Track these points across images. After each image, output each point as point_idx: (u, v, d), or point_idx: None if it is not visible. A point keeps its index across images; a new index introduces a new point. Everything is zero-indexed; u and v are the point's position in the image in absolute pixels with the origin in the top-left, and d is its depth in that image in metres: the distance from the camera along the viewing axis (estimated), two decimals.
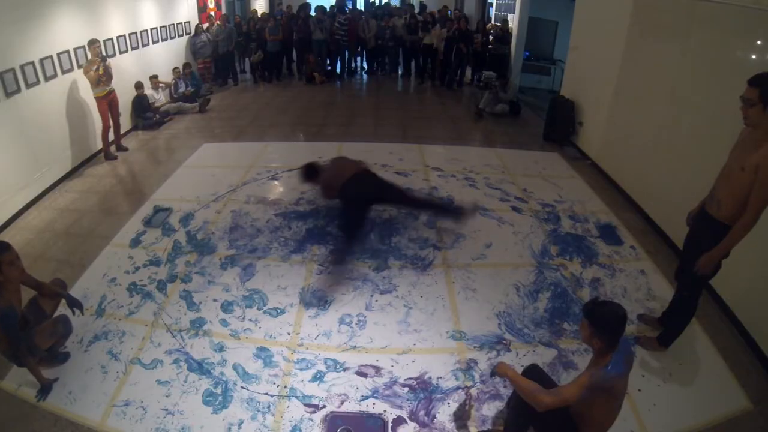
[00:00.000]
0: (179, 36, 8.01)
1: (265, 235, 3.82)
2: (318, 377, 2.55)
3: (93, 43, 4.98)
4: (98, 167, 5.32)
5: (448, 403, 2.41)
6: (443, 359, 2.67)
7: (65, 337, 2.63)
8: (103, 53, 5.29)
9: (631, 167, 4.53)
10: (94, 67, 5.00)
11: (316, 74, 8.96)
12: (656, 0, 4.18)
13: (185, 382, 2.52)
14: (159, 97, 6.90)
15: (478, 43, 8.40)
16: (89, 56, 5.04)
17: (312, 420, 2.32)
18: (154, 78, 6.79)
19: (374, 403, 2.40)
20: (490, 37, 8.72)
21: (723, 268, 3.16)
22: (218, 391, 2.47)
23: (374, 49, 9.57)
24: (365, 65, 10.23)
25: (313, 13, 9.20)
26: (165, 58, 7.41)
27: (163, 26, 7.38)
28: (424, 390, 2.48)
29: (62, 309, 2.64)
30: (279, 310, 3.03)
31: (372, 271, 3.39)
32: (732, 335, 2.91)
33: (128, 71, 6.29)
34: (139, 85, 6.39)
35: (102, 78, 5.05)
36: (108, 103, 5.26)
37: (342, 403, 2.41)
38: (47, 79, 4.68)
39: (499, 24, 8.86)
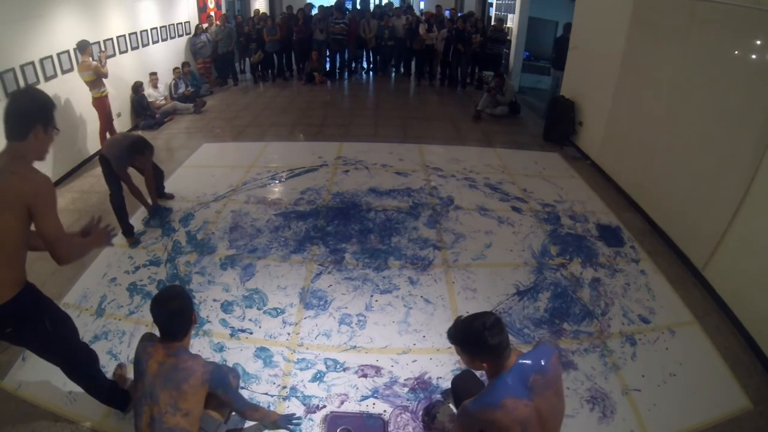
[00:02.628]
0: (179, 36, 8.01)
1: (265, 235, 3.82)
2: (318, 377, 2.55)
3: (86, 45, 4.97)
4: (98, 167, 5.30)
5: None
6: (443, 359, 2.67)
7: None
8: (102, 49, 5.34)
9: (631, 167, 4.53)
10: (101, 62, 5.11)
11: (316, 74, 8.96)
12: (656, 0, 4.18)
13: None
14: (159, 96, 6.89)
15: (477, 42, 8.39)
16: (81, 59, 5.02)
17: (312, 420, 2.32)
18: (153, 75, 6.79)
19: (374, 403, 2.40)
20: (475, 36, 8.46)
21: (723, 267, 3.19)
22: None
23: (375, 49, 9.58)
24: (365, 65, 10.22)
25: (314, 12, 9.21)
26: (165, 58, 7.42)
27: (163, 26, 7.38)
28: (424, 390, 2.48)
29: None
30: (279, 310, 3.03)
31: (372, 271, 3.39)
32: (732, 335, 2.91)
33: (128, 71, 6.30)
34: (137, 87, 6.37)
35: (104, 74, 5.13)
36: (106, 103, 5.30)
37: (342, 403, 2.41)
38: (47, 79, 4.68)
39: (494, 24, 8.82)
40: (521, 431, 1.50)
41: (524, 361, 1.56)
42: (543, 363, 1.57)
